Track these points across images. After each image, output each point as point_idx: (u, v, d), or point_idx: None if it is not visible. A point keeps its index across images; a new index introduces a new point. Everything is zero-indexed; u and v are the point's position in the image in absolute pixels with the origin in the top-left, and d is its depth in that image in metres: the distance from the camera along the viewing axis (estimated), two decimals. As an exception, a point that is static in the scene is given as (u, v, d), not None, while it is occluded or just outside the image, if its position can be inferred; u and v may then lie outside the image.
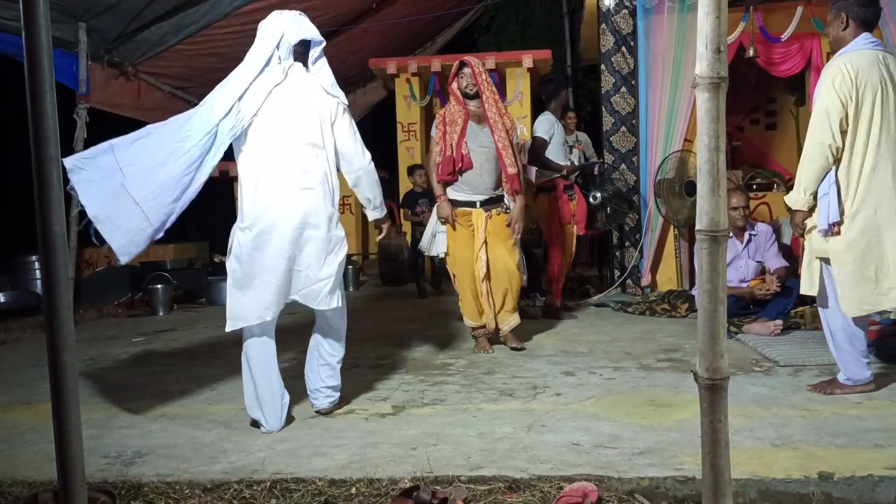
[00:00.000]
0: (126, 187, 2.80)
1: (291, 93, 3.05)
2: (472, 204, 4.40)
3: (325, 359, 3.25)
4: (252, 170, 3.02)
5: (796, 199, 3.24)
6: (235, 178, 3.68)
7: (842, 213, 3.10)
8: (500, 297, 4.44)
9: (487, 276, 4.40)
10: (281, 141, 3.01)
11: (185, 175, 2.88)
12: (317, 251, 3.04)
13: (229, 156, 3.14)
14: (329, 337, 3.26)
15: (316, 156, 3.05)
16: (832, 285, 3.19)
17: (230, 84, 3.03)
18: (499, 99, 4.45)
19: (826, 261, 3.20)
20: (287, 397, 3.13)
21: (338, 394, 3.28)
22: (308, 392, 3.29)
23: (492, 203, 4.43)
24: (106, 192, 2.78)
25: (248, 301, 3.01)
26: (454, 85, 4.45)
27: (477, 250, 4.38)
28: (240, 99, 2.98)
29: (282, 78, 3.04)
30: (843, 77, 3.07)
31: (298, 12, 3.15)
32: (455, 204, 4.41)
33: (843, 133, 3.07)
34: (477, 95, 4.36)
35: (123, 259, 2.82)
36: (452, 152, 4.32)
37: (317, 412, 3.24)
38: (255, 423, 3.08)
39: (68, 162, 2.73)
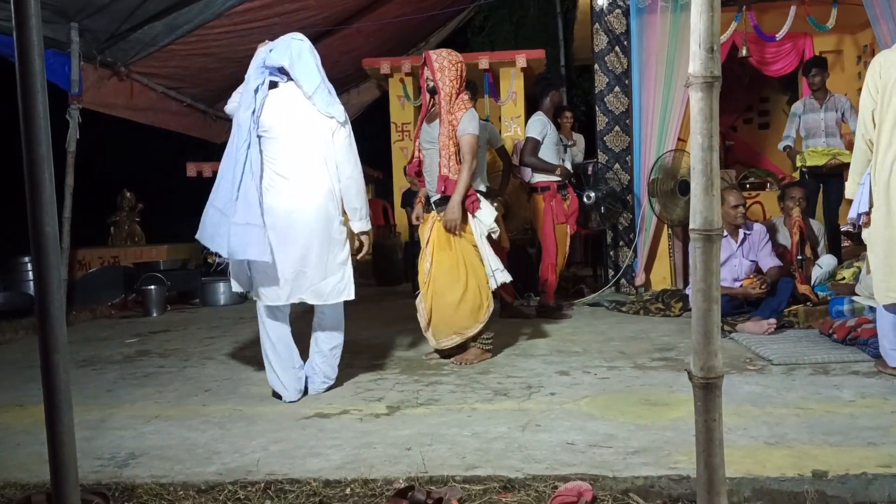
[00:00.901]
0: (210, 202, 3.34)
1: (290, 109, 3.37)
2: (430, 205, 4.24)
3: (319, 346, 3.58)
4: (264, 178, 3.37)
5: (848, 187, 3.54)
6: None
7: (871, 204, 3.32)
8: (431, 308, 4.14)
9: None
10: (286, 154, 3.35)
11: (235, 176, 3.28)
12: (322, 252, 3.38)
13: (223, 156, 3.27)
14: (325, 329, 3.58)
15: (318, 166, 3.38)
16: None
17: (241, 108, 3.35)
18: (457, 95, 4.09)
19: None
20: (303, 372, 3.55)
21: (331, 381, 3.61)
22: (307, 377, 3.57)
23: (442, 204, 4.11)
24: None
25: (265, 288, 3.39)
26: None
27: (423, 255, 4.18)
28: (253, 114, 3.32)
29: (278, 95, 3.38)
30: (872, 72, 3.31)
31: (292, 35, 3.42)
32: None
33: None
34: (436, 91, 4.13)
35: (212, 247, 3.33)
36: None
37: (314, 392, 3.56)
38: (277, 395, 3.50)
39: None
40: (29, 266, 7.43)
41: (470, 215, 4.08)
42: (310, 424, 3.08)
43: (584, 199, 6.23)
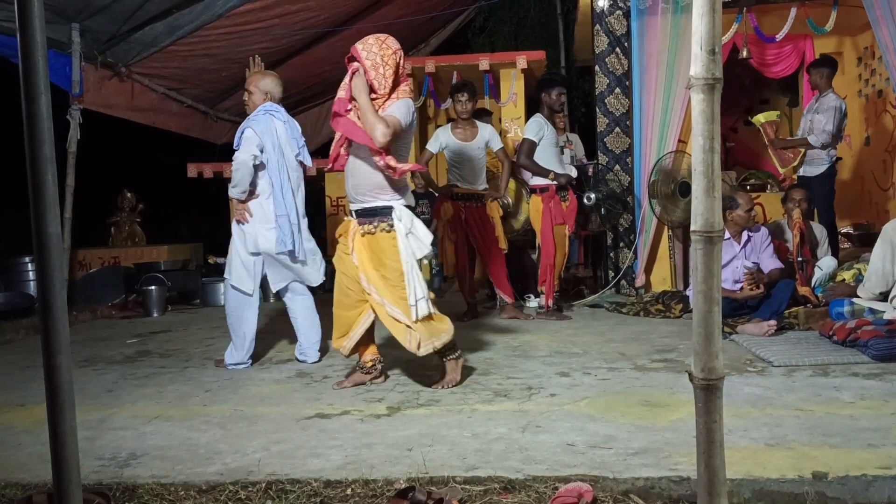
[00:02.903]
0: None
1: (289, 131, 4.28)
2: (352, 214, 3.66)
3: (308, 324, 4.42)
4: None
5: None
6: (230, 180, 4.05)
7: None
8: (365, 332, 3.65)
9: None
10: (292, 164, 4.28)
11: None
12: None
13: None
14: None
15: (299, 180, 4.35)
16: None
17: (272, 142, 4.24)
18: (392, 90, 3.47)
19: None
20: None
21: None
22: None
23: (366, 216, 3.52)
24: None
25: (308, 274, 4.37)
26: None
27: (353, 273, 3.59)
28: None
29: (284, 120, 4.28)
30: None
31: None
32: None
33: None
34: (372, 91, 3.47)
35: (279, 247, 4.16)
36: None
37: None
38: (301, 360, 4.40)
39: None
40: (29, 266, 7.44)
41: (399, 231, 3.47)
42: (311, 425, 3.09)
43: (585, 201, 6.23)
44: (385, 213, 3.49)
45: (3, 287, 7.28)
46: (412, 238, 3.51)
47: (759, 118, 6.36)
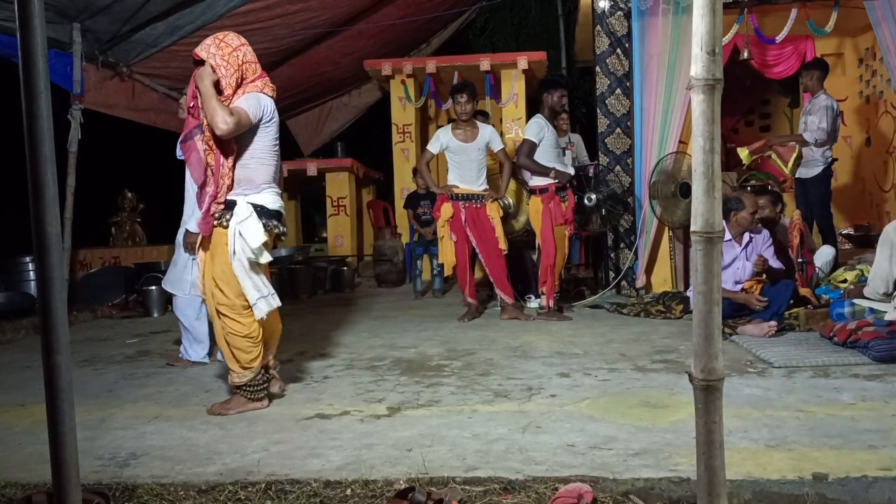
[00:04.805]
0: None
1: None
2: None
3: None
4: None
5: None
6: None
7: None
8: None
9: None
10: None
11: None
12: None
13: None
14: None
15: None
16: None
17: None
18: (238, 87, 3.28)
19: None
20: None
21: None
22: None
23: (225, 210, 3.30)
24: None
25: None
26: None
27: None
28: None
29: None
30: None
31: None
32: None
33: None
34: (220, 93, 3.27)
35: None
36: None
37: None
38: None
39: None
40: (30, 266, 7.44)
41: (231, 227, 3.24)
42: (310, 425, 3.08)
43: (585, 202, 6.23)
44: (230, 206, 3.27)
45: (3, 287, 7.28)
46: (240, 236, 3.24)
47: (745, 157, 6.47)
